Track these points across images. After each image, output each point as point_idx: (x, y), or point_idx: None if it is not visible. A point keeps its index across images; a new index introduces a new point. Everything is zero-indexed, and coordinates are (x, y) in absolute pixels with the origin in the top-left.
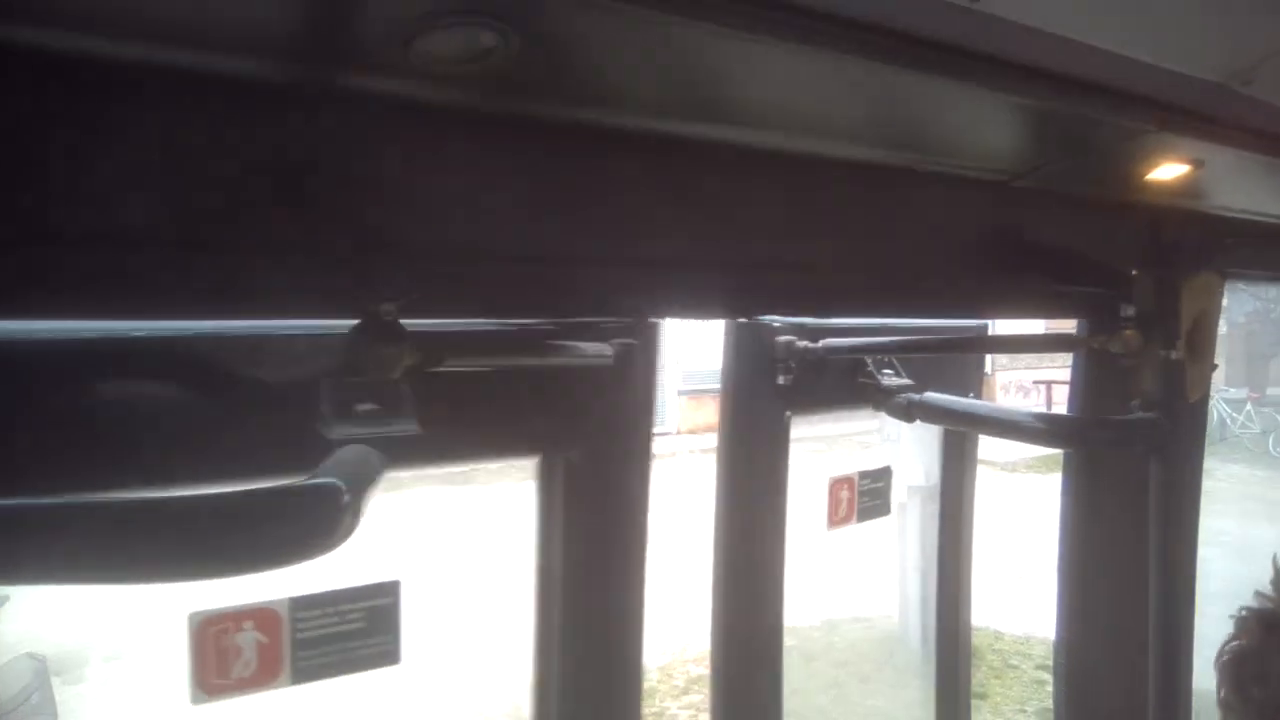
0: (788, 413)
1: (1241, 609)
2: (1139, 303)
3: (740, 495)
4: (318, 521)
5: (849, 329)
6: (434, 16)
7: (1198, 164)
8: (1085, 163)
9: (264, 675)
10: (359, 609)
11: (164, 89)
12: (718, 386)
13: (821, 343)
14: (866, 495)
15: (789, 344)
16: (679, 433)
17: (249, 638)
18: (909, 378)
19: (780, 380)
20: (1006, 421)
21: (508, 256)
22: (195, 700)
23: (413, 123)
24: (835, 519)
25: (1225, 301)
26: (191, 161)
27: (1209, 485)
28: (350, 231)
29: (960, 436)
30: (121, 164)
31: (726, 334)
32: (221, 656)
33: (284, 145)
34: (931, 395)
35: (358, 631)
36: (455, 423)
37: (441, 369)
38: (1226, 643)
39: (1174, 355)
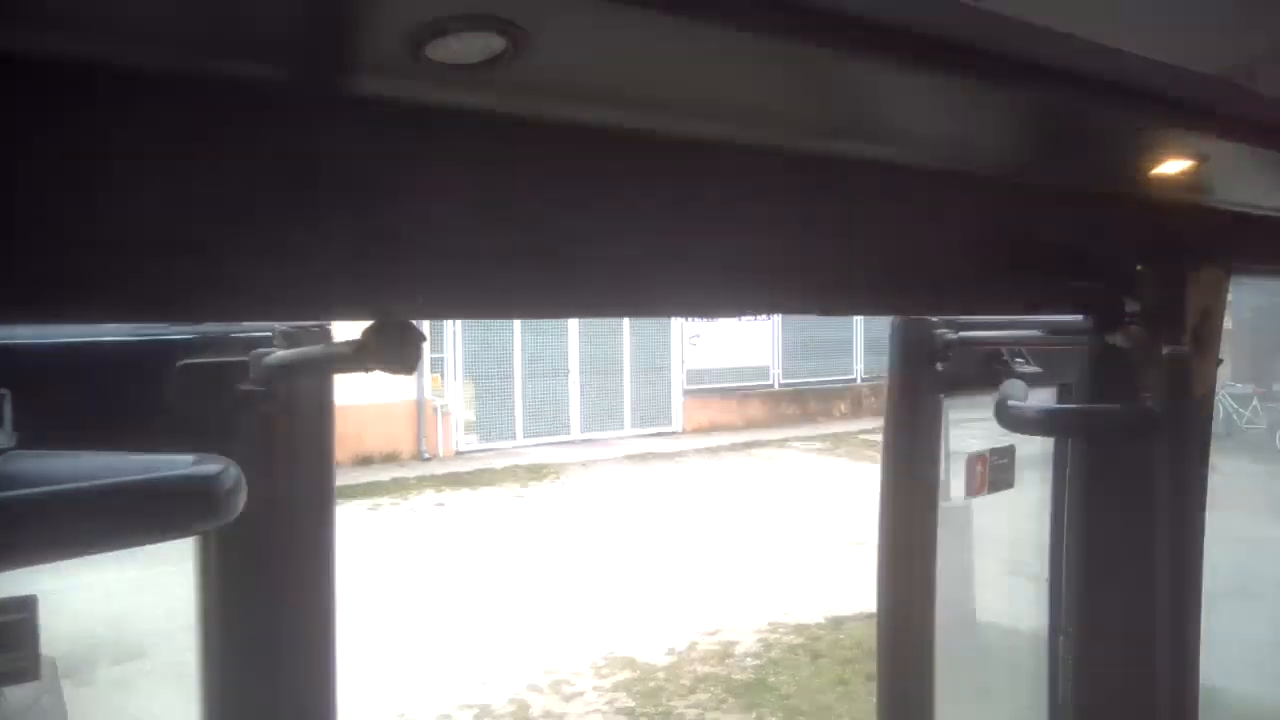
0: (940, 395)
1: None
2: (1144, 297)
3: (905, 467)
4: (205, 497)
5: (978, 323)
6: (444, 22)
7: (1202, 158)
8: (1090, 158)
9: None
10: None
11: (175, 94)
12: (719, 386)
13: (958, 335)
14: (995, 470)
15: (943, 336)
16: (684, 432)
17: None
18: (1038, 366)
19: (939, 367)
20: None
21: (519, 256)
22: None
23: (422, 125)
24: (973, 488)
25: (1231, 296)
26: (202, 165)
27: (1214, 481)
28: (361, 233)
29: (1064, 445)
30: (131, 168)
31: (893, 329)
32: None
33: (294, 148)
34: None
35: None
36: (96, 423)
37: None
38: None
39: (1179, 350)
